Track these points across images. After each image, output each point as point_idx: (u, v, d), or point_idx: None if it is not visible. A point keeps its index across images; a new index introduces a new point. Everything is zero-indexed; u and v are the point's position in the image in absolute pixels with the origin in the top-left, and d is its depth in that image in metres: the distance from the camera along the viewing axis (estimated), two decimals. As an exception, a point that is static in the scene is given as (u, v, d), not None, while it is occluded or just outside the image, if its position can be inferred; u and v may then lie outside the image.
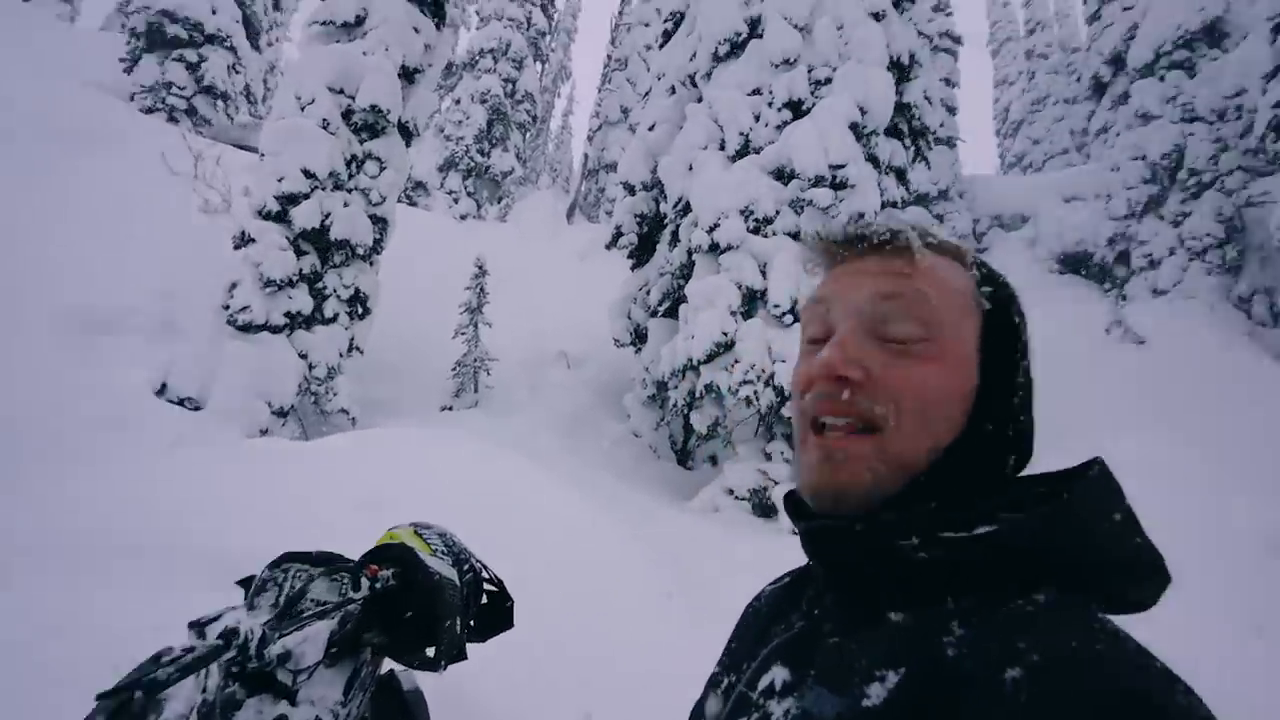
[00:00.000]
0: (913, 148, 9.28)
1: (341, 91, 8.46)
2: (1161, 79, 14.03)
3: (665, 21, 10.50)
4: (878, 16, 8.29)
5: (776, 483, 7.31)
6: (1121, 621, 0.42)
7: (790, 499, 0.64)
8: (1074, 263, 14.41)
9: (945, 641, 0.42)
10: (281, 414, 7.81)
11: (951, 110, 16.99)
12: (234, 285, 7.83)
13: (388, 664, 1.21)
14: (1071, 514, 0.45)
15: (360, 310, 8.97)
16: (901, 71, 8.77)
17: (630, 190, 10.57)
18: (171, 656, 0.67)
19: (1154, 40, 14.21)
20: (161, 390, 6.90)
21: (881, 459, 0.49)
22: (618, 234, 10.82)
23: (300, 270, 8.24)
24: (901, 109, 9.09)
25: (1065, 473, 0.50)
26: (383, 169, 8.79)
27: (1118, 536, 0.45)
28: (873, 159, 8.22)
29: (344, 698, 1.04)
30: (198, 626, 0.81)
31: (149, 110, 13.83)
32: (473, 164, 21.37)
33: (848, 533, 0.49)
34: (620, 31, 23.62)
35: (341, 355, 8.65)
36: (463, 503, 3.19)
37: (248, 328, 7.78)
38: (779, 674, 0.51)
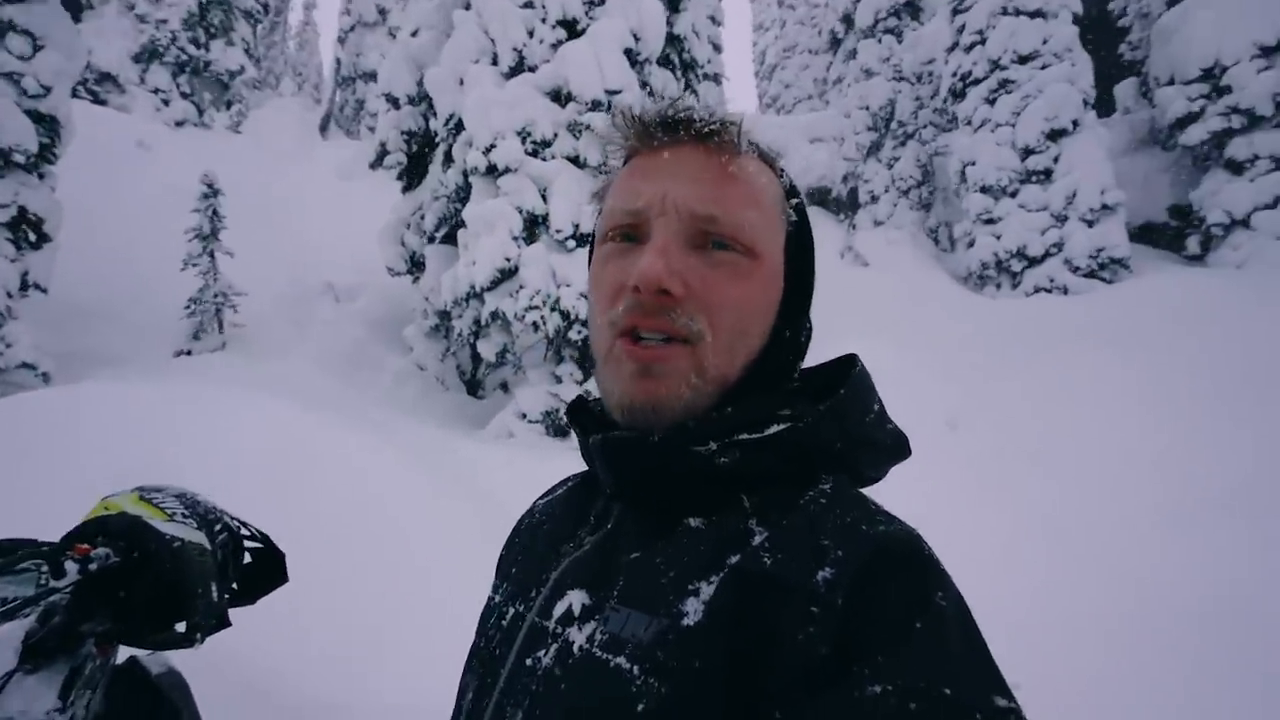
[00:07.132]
0: (683, 79, 9.61)
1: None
2: (879, 41, 16.30)
3: (425, -91, 9.34)
4: (648, -58, 8.26)
5: (567, 404, 7.50)
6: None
7: (577, 411, 0.60)
8: (818, 197, 16.47)
9: (753, 544, 0.43)
10: (-78, 375, 5.96)
11: (718, 48, 17.78)
12: None
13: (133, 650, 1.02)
14: (846, 410, 0.49)
15: (32, 237, 7.04)
16: (671, 2, 8.92)
17: (395, 103, 9.55)
18: None
19: (873, 6, 16.37)
20: None
21: (699, 373, 0.48)
22: (383, 152, 9.79)
23: (-75, 181, 6.16)
24: (672, 40, 9.30)
25: (825, 368, 0.55)
26: (39, 48, 6.76)
27: (877, 425, 0.51)
28: (646, 86, 8.37)
29: (61, 703, 0.87)
30: None
31: None
32: (185, 57, 17.53)
33: (645, 444, 0.48)
34: (371, -85, 20.60)
35: (10, 295, 6.79)
36: (216, 464, 2.76)
37: None
38: (576, 598, 0.47)
